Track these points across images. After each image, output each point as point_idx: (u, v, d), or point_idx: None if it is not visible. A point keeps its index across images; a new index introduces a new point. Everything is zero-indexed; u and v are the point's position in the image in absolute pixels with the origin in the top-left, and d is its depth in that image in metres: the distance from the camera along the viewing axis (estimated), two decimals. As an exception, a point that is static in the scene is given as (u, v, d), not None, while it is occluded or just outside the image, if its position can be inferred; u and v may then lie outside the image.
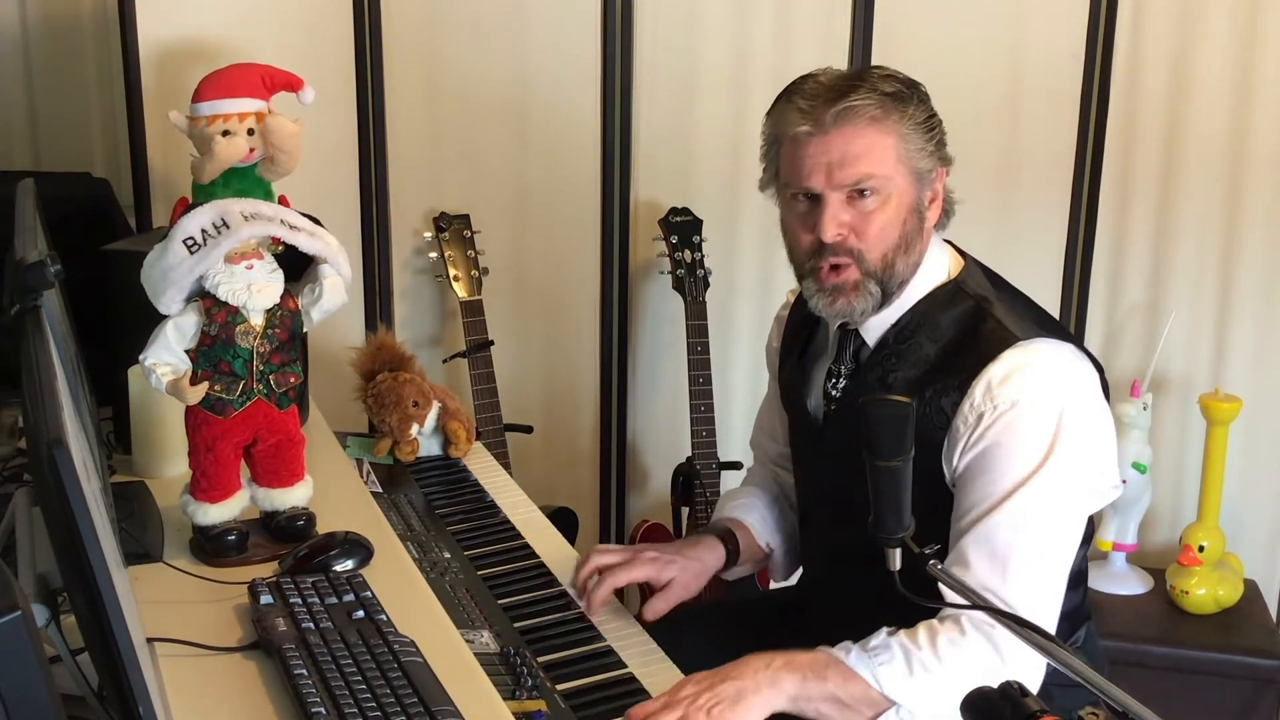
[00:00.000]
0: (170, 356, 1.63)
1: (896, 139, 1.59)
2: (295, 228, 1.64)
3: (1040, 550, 1.55)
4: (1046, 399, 1.55)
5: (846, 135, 1.58)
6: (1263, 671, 2.56)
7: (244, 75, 2.19)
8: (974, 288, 1.67)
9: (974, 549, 1.54)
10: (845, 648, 1.52)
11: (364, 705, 1.31)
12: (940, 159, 1.65)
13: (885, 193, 1.60)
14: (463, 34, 2.84)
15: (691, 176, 2.92)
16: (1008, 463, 1.55)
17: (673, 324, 2.94)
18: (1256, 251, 2.76)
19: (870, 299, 1.64)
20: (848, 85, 1.59)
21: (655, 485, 3.10)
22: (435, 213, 2.83)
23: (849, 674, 1.49)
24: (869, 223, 1.61)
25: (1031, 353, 1.57)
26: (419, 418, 2.17)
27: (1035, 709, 1.06)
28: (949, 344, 1.63)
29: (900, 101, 1.60)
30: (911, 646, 1.51)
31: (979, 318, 1.63)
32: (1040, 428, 1.55)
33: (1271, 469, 2.84)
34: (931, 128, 1.63)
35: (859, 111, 1.57)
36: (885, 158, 1.59)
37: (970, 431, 1.56)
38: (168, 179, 2.59)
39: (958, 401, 1.57)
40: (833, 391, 1.74)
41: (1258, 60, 2.69)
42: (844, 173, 1.59)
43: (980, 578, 1.53)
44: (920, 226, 1.65)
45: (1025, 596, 1.53)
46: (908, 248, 1.63)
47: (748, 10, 2.82)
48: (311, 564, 1.66)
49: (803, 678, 1.49)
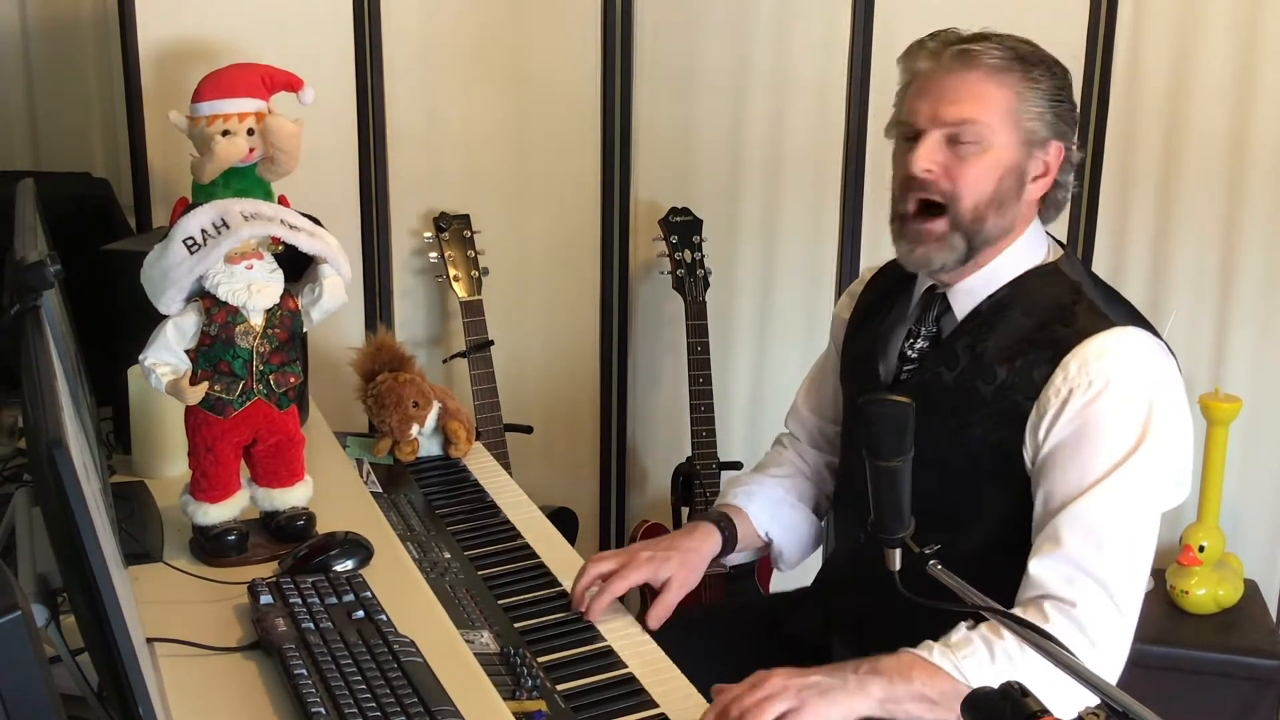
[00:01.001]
0: (170, 356, 1.63)
1: (1011, 94, 1.59)
2: (295, 228, 1.64)
3: (1132, 531, 1.54)
4: (1139, 385, 1.55)
5: (961, 77, 1.59)
6: (1263, 671, 2.56)
7: (244, 75, 2.19)
8: (1072, 273, 1.67)
9: (1067, 528, 1.53)
10: (927, 646, 1.51)
11: (364, 705, 1.31)
12: (1059, 134, 1.63)
13: (985, 143, 1.59)
14: (463, 34, 2.84)
15: (691, 176, 2.92)
16: (1099, 447, 1.54)
17: (673, 324, 2.94)
18: (1256, 251, 2.76)
19: (953, 253, 1.63)
20: (980, 35, 1.61)
21: (655, 485, 3.10)
22: (435, 213, 2.83)
23: (934, 670, 1.48)
24: (964, 168, 1.60)
25: (1127, 337, 1.57)
26: (419, 418, 2.17)
27: (1035, 709, 1.06)
28: (1045, 319, 1.62)
29: (1026, 62, 1.60)
30: (994, 638, 1.49)
31: (1076, 299, 1.62)
32: (1132, 413, 1.54)
33: (1271, 469, 2.84)
34: (1057, 98, 1.62)
35: (980, 57, 1.58)
36: (993, 108, 1.59)
37: (1061, 406, 1.55)
38: (168, 179, 2.59)
39: (1049, 374, 1.56)
40: (910, 353, 1.72)
41: (1258, 60, 2.69)
42: (947, 112, 1.59)
43: (1073, 554, 1.51)
44: (1018, 191, 1.63)
45: (1119, 574, 1.51)
46: (1000, 206, 1.62)
47: (748, 11, 2.82)
48: (311, 564, 1.66)
49: (889, 681, 1.48)
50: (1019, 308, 1.64)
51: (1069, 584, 1.50)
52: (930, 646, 1.51)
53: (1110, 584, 1.51)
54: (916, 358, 1.71)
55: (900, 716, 1.48)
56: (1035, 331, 1.61)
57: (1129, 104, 2.76)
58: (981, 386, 1.60)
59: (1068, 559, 1.51)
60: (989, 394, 1.60)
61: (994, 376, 1.60)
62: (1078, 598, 1.49)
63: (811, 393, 1.99)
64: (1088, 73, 2.75)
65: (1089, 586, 1.50)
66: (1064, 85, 1.64)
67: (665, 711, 1.50)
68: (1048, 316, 1.62)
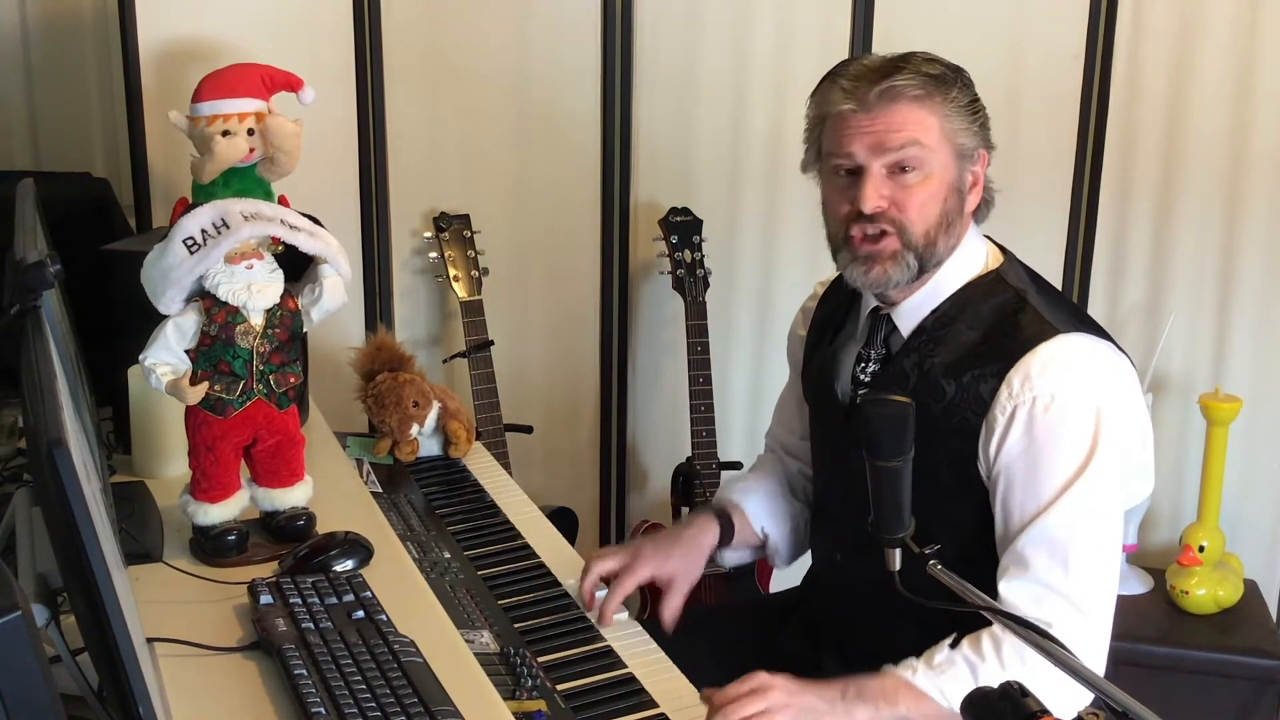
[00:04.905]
0: (170, 356, 1.63)
1: (940, 118, 1.60)
2: (295, 228, 1.64)
3: (1096, 544, 1.55)
4: (1084, 395, 1.55)
5: (890, 111, 1.59)
6: (1263, 671, 2.56)
7: (244, 75, 2.19)
8: (1014, 280, 1.68)
9: (1031, 548, 1.54)
10: (910, 666, 1.52)
11: (364, 705, 1.31)
12: (983, 141, 1.66)
13: (927, 168, 1.61)
14: (463, 34, 2.84)
15: (691, 176, 2.92)
16: (1052, 463, 1.55)
17: (673, 324, 2.94)
18: (1256, 252, 2.76)
19: (907, 271, 1.64)
20: (891, 66, 1.61)
21: (655, 485, 3.10)
22: (435, 213, 2.83)
23: (918, 695, 1.50)
24: (911, 197, 1.61)
25: (1069, 346, 1.58)
26: (419, 418, 2.17)
27: (1035, 709, 1.06)
28: (988, 331, 1.63)
29: (943, 84, 1.61)
30: (976, 659, 1.51)
31: (1019, 308, 1.63)
32: (1081, 425, 1.55)
33: (1271, 469, 2.84)
34: (975, 111, 1.64)
35: (902, 90, 1.59)
36: (929, 133, 1.60)
37: (1008, 422, 1.56)
38: (168, 179, 2.59)
39: (995, 388, 1.57)
40: (862, 376, 1.74)
41: (1258, 60, 2.69)
42: (889, 140, 1.59)
43: (1041, 575, 1.53)
44: (960, 207, 1.65)
45: (1088, 590, 1.53)
46: (948, 226, 1.64)
47: (748, 11, 2.82)
48: (311, 564, 1.66)
49: (875, 707, 1.50)
50: (963, 320, 1.65)
51: (1038, 604, 1.52)
52: (914, 667, 1.52)
53: (1079, 599, 1.53)
54: (869, 382, 1.73)
55: None
56: (980, 345, 1.62)
57: (1129, 104, 2.76)
58: (932, 405, 1.61)
59: (1035, 580, 1.53)
60: (939, 412, 1.61)
61: (942, 394, 1.61)
62: (1049, 617, 1.50)
63: (783, 409, 2.02)
64: (1088, 73, 2.75)
65: (1058, 604, 1.52)
66: (973, 92, 1.65)
67: (665, 711, 1.51)
68: (992, 328, 1.63)
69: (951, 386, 1.61)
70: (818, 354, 1.84)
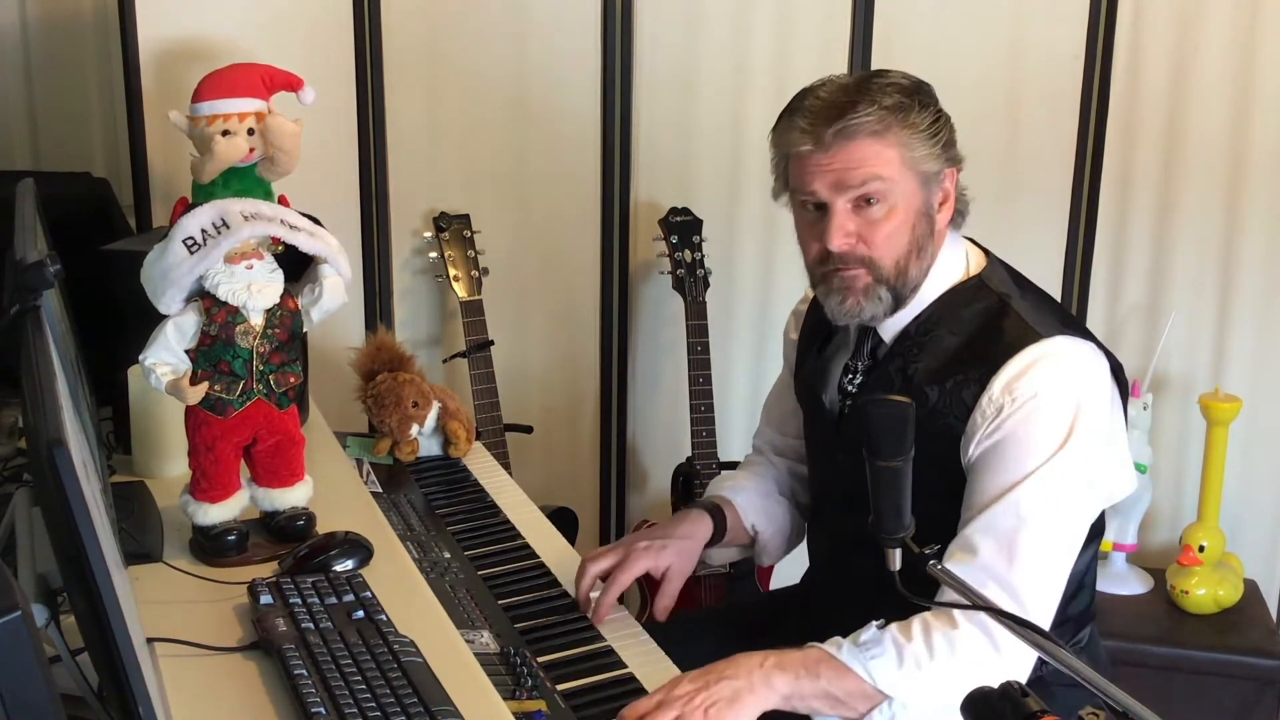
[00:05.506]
0: (170, 356, 1.63)
1: (900, 149, 1.60)
2: (295, 228, 1.64)
3: (1046, 538, 1.55)
4: (1063, 393, 1.56)
5: (849, 150, 1.59)
6: (1263, 671, 2.56)
7: (244, 75, 2.19)
8: (996, 284, 1.69)
9: (980, 535, 1.55)
10: (836, 643, 1.53)
11: (364, 705, 1.31)
12: (948, 159, 1.66)
13: (891, 200, 1.61)
14: (463, 34, 2.84)
15: (691, 176, 2.92)
16: (1020, 454, 1.56)
17: (673, 324, 2.94)
18: (1256, 252, 2.76)
19: (881, 304, 1.65)
20: (847, 101, 1.60)
21: (655, 485, 3.10)
22: (435, 213, 2.83)
23: (841, 669, 1.50)
24: (876, 231, 1.62)
25: (1051, 348, 1.59)
26: (419, 418, 2.17)
27: (1036, 709, 1.06)
28: (971, 337, 1.64)
29: (901, 112, 1.60)
30: (903, 640, 1.51)
31: (1001, 313, 1.64)
32: (1056, 421, 1.56)
33: (1271, 469, 2.84)
34: (937, 131, 1.63)
35: (859, 128, 1.58)
36: (889, 166, 1.60)
37: (988, 424, 1.58)
38: (168, 179, 2.59)
39: (977, 394, 1.59)
40: (849, 387, 1.75)
41: (1258, 60, 2.69)
42: (850, 177, 1.60)
43: (986, 562, 1.53)
44: (931, 230, 1.66)
45: (1030, 582, 1.54)
46: (919, 253, 1.65)
47: (748, 10, 2.82)
48: (311, 564, 1.66)
49: (795, 676, 1.50)
50: (945, 326, 1.66)
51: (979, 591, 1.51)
52: (839, 644, 1.53)
53: (1020, 591, 1.53)
54: (855, 392, 1.74)
55: (804, 711, 1.50)
56: (963, 350, 1.63)
57: (1129, 104, 2.76)
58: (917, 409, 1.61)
59: (980, 566, 1.53)
60: (923, 417, 1.60)
61: (926, 399, 1.62)
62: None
63: (772, 410, 2.03)
64: (1088, 73, 2.75)
65: (998, 595, 1.51)
66: (936, 109, 1.64)
67: (665, 711, 1.50)
68: (975, 334, 1.64)
69: (935, 392, 1.62)
70: (808, 361, 1.85)
